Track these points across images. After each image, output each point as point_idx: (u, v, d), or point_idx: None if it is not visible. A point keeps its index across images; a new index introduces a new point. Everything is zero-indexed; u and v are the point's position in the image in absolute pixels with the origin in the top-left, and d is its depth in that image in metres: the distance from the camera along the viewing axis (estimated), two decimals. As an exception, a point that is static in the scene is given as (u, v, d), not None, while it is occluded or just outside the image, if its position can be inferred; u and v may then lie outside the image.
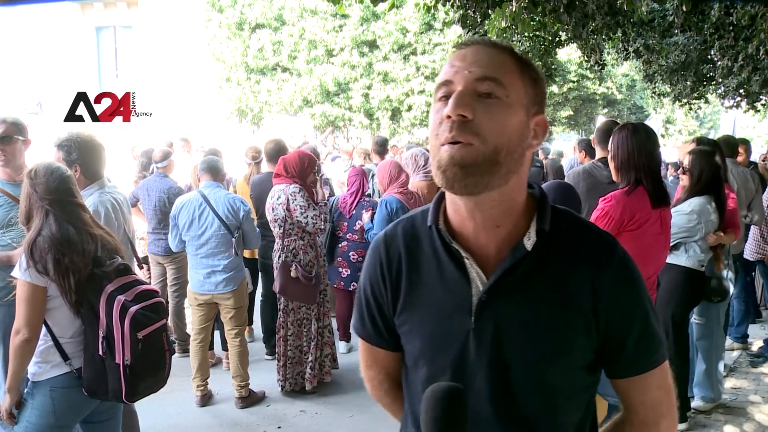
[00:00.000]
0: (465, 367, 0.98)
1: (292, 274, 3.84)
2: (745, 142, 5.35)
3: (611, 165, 2.68)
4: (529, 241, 0.96)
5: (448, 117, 0.89)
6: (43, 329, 2.12)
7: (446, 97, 0.92)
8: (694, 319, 3.65)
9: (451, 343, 0.99)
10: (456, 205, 0.98)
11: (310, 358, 3.99)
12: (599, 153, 3.48)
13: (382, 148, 6.46)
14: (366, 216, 4.33)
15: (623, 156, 2.59)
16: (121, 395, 2.07)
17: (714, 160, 3.34)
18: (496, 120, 0.89)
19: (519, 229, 0.98)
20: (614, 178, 2.69)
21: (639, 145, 2.58)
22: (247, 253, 4.60)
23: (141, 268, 3.30)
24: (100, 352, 2.06)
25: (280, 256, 3.91)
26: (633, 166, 2.57)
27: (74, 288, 2.05)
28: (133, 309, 2.07)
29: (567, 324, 0.96)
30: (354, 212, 4.47)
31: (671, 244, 3.35)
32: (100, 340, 2.05)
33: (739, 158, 4.93)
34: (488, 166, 0.89)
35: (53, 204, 2.10)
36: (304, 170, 3.90)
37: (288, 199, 3.81)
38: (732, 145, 4.63)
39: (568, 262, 0.97)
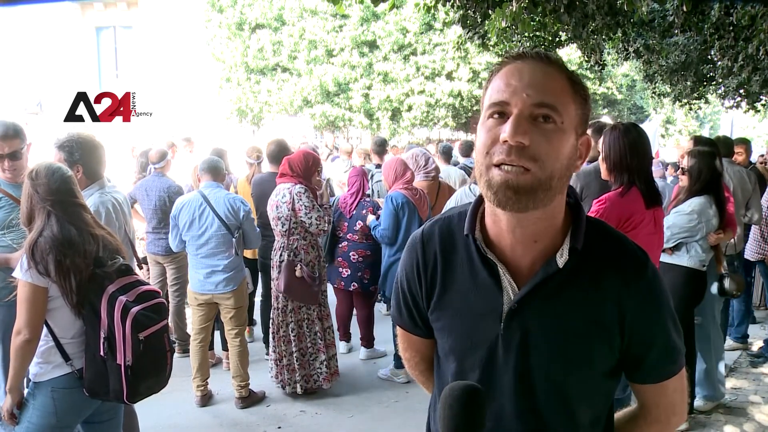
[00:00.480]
0: (493, 367, 1.03)
1: (297, 273, 3.84)
2: (745, 142, 5.35)
3: (603, 166, 2.67)
4: (561, 259, 0.98)
5: (506, 141, 0.89)
6: (44, 330, 2.12)
7: (500, 115, 0.92)
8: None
9: (481, 345, 1.04)
10: (496, 218, 1.00)
11: (322, 357, 3.98)
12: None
13: (381, 148, 6.46)
14: (371, 217, 4.35)
15: (615, 157, 2.58)
16: (122, 396, 2.07)
17: (712, 160, 3.34)
18: (553, 146, 0.90)
19: (555, 243, 1.00)
20: (605, 177, 2.68)
21: (631, 145, 2.57)
22: (248, 253, 4.60)
23: (141, 268, 3.31)
24: (102, 353, 2.06)
25: (281, 255, 3.91)
26: (626, 167, 2.56)
27: (75, 289, 2.05)
28: (135, 310, 2.07)
29: (591, 337, 1.00)
30: (354, 212, 4.47)
31: (673, 245, 3.36)
32: (102, 340, 2.05)
33: (739, 158, 4.94)
34: (542, 192, 0.91)
35: (55, 205, 2.10)
36: (309, 169, 3.93)
37: (293, 199, 3.82)
38: (728, 145, 4.63)
39: (598, 276, 1.00)
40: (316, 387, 4.01)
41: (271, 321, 4.06)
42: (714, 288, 3.59)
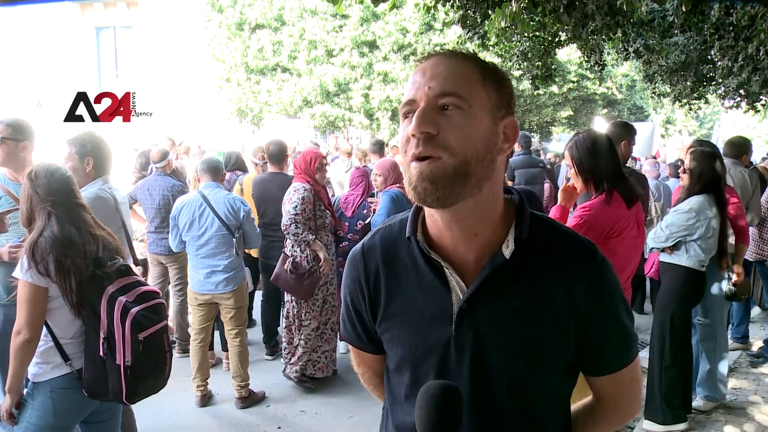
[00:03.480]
0: (447, 373, 0.99)
1: (286, 266, 3.95)
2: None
3: (578, 180, 2.57)
4: (508, 249, 0.97)
5: (414, 135, 0.90)
6: (44, 330, 2.12)
7: (411, 114, 0.92)
8: (698, 319, 3.65)
9: (433, 351, 1.00)
10: (433, 218, 0.99)
11: (326, 347, 4.13)
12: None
13: (377, 147, 6.41)
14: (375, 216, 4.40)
15: (590, 166, 2.52)
16: (121, 396, 2.07)
17: (713, 161, 3.34)
18: (462, 131, 0.90)
19: (497, 236, 0.98)
20: (582, 189, 2.60)
21: (598, 149, 2.52)
22: (253, 252, 4.64)
23: (137, 265, 3.30)
24: (101, 353, 2.06)
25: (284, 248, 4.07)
26: (603, 172, 2.50)
27: (75, 289, 2.05)
28: (134, 310, 2.07)
29: (547, 331, 0.98)
30: (356, 212, 4.47)
31: (671, 244, 3.36)
32: (101, 341, 2.05)
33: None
34: (459, 178, 0.89)
35: (55, 205, 2.10)
36: (308, 166, 4.03)
37: (295, 191, 3.96)
38: (739, 146, 4.62)
39: (546, 269, 0.98)
40: (311, 375, 4.13)
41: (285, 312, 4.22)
42: (715, 288, 3.59)
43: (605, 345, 1.02)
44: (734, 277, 3.55)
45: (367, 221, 4.40)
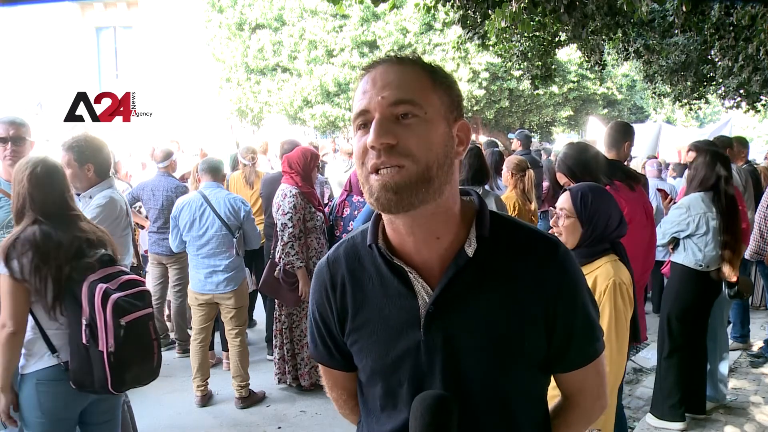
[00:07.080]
0: (420, 380, 0.99)
1: (275, 274, 3.88)
2: (741, 141, 5.37)
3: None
4: (470, 248, 0.97)
5: (373, 147, 0.89)
6: (31, 321, 2.09)
7: (365, 125, 0.92)
8: None
9: (404, 358, 1.00)
10: (394, 224, 0.98)
11: (303, 355, 4.01)
12: (611, 155, 3.24)
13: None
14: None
15: (582, 168, 2.62)
16: (107, 385, 2.03)
17: (710, 158, 3.32)
18: (421, 138, 0.90)
19: (459, 238, 0.99)
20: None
21: (585, 151, 2.67)
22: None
23: (140, 273, 3.28)
24: (84, 340, 2.02)
25: (273, 255, 3.96)
26: (596, 170, 2.61)
27: (52, 293, 2.04)
28: (116, 296, 2.03)
29: (517, 328, 0.98)
30: (347, 212, 4.45)
31: (667, 241, 3.38)
32: (84, 327, 2.02)
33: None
34: (422, 184, 0.90)
35: (45, 214, 2.08)
36: (308, 164, 3.94)
37: (283, 198, 3.83)
38: (722, 144, 4.64)
39: (512, 265, 0.99)
40: (314, 382, 4.04)
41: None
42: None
43: (574, 338, 1.02)
44: (727, 270, 3.50)
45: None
